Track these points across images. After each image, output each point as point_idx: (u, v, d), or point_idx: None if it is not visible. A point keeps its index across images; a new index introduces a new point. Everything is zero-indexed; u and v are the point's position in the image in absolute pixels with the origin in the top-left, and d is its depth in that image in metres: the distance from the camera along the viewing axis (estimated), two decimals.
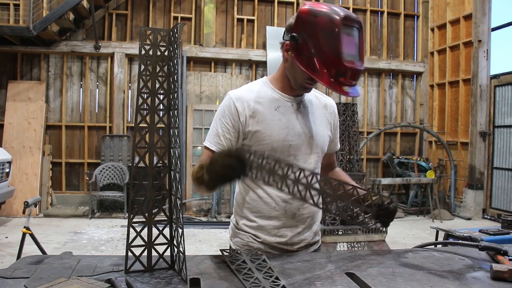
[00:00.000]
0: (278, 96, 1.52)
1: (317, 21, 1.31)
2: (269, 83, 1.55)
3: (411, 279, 1.17)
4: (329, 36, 1.29)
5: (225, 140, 1.48)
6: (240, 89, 1.54)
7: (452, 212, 7.48)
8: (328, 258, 1.38)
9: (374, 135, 7.88)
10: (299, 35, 1.35)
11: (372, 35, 8.61)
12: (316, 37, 1.31)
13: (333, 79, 1.31)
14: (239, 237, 1.58)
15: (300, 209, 1.52)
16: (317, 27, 1.31)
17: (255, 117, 1.47)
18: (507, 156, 7.07)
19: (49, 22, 6.56)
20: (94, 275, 1.13)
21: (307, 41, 1.33)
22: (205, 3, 7.74)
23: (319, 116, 1.58)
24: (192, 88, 7.56)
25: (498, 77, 7.29)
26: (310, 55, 1.32)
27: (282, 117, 1.49)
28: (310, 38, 1.32)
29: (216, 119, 1.52)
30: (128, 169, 7.02)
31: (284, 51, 1.45)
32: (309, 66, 1.33)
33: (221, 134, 1.49)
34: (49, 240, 5.15)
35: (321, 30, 1.30)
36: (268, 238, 1.53)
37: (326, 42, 1.30)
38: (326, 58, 1.30)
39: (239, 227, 1.58)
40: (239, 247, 1.56)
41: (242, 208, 1.57)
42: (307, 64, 1.34)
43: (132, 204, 1.19)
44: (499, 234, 2.33)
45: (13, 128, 6.98)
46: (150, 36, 1.16)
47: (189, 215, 7.13)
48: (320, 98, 1.64)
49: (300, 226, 1.54)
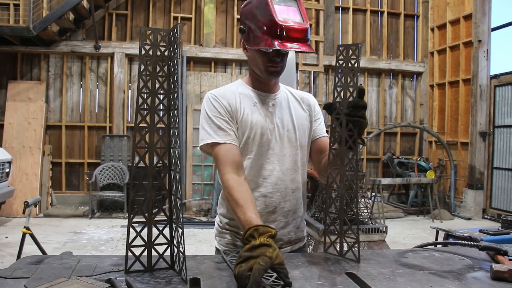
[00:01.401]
0: (253, 94, 1.56)
1: (252, 5, 1.45)
2: (244, 83, 1.60)
3: (411, 279, 1.16)
4: (262, 9, 1.39)
5: (230, 131, 1.47)
6: (218, 89, 1.57)
7: (452, 212, 7.48)
8: (328, 258, 1.38)
9: (374, 135, 7.88)
10: (244, 25, 1.48)
11: (372, 35, 8.61)
12: (254, 17, 1.42)
13: (277, 41, 1.36)
14: (223, 236, 1.59)
15: (281, 203, 1.53)
16: (252, 9, 1.44)
17: (237, 113, 1.51)
18: (507, 156, 7.07)
19: (49, 22, 6.56)
20: (94, 275, 1.13)
21: (250, 24, 1.45)
22: (205, 3, 7.75)
23: (295, 109, 1.60)
24: (192, 88, 7.57)
25: (498, 77, 7.29)
26: (254, 34, 1.42)
27: (261, 112, 1.53)
28: (250, 21, 1.44)
29: (207, 118, 1.49)
30: (128, 169, 7.02)
31: (243, 50, 1.55)
32: (255, 43, 1.42)
33: (224, 127, 1.47)
34: (49, 240, 5.15)
35: (256, 9, 1.42)
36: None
37: (261, 15, 1.39)
38: (265, 27, 1.38)
39: (222, 226, 1.60)
40: (224, 246, 1.58)
41: (224, 207, 1.59)
42: (254, 42, 1.43)
43: (132, 204, 1.19)
44: (499, 234, 2.34)
45: (13, 128, 6.98)
46: (150, 36, 1.15)
47: (189, 215, 7.14)
48: (297, 94, 1.67)
49: (282, 220, 1.55)
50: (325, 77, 8.33)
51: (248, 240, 1.12)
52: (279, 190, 1.53)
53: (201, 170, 7.39)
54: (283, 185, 1.54)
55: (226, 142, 1.45)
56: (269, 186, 1.52)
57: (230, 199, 1.34)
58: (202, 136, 1.50)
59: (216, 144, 1.45)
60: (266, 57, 1.46)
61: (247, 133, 1.50)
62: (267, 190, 1.52)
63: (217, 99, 1.51)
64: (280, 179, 1.53)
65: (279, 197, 1.53)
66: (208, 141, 1.46)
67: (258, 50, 1.45)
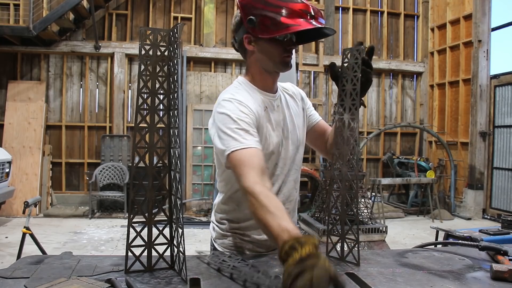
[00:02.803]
0: (263, 97, 1.47)
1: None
2: (251, 84, 1.49)
3: (411, 279, 1.17)
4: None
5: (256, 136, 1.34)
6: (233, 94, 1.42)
7: (452, 212, 7.48)
8: (328, 258, 1.38)
9: (374, 135, 7.88)
10: (254, 15, 1.36)
11: (372, 35, 8.61)
12: (268, 4, 1.34)
13: (308, 22, 1.33)
14: (227, 239, 1.55)
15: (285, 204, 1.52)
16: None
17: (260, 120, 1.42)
18: (507, 156, 7.07)
19: (49, 22, 6.56)
20: (94, 275, 1.13)
21: (264, 13, 1.34)
22: (205, 3, 7.74)
23: (292, 108, 1.57)
24: (192, 88, 7.56)
25: (498, 77, 7.29)
26: (274, 21, 1.33)
27: (270, 118, 1.46)
28: (263, 9, 1.34)
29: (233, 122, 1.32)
30: (128, 169, 7.02)
31: (246, 46, 1.44)
32: (278, 29, 1.33)
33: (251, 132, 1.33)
34: (49, 240, 5.15)
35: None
36: (256, 236, 1.52)
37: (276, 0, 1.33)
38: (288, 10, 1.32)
39: (224, 228, 1.56)
40: (227, 248, 1.54)
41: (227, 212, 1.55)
42: (276, 29, 1.34)
43: (132, 204, 1.19)
44: (499, 234, 2.33)
45: (13, 128, 6.98)
46: (150, 36, 1.15)
47: (189, 215, 7.14)
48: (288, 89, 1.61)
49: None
50: (325, 77, 8.33)
51: (288, 253, 0.94)
52: (283, 192, 1.52)
53: (201, 170, 7.39)
54: (287, 188, 1.53)
55: (252, 146, 1.28)
56: (275, 189, 1.50)
57: (258, 205, 1.15)
58: (228, 144, 1.29)
59: (242, 149, 1.28)
60: (282, 47, 1.39)
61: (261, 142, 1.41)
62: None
63: (242, 103, 1.37)
64: (285, 182, 1.52)
65: (284, 198, 1.51)
66: (237, 147, 1.27)
67: (273, 40, 1.38)
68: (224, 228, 1.56)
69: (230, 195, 1.52)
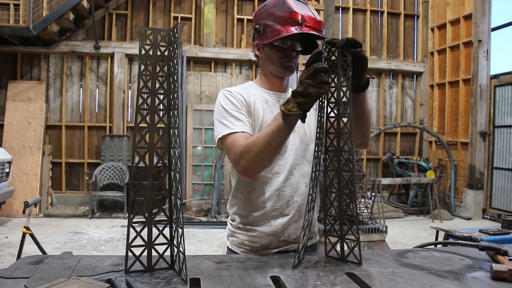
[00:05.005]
0: (265, 94, 1.61)
1: (267, 5, 1.53)
2: (255, 84, 1.65)
3: (411, 279, 1.17)
4: (280, 5, 1.48)
5: (247, 122, 1.48)
6: (230, 87, 1.60)
7: (452, 212, 7.48)
8: (328, 258, 1.38)
9: (374, 135, 7.88)
10: (259, 25, 1.54)
11: (372, 35, 8.61)
12: (271, 14, 1.50)
13: (296, 28, 1.44)
14: (236, 236, 1.60)
15: (294, 197, 1.55)
16: (268, 8, 1.52)
17: (251, 107, 1.54)
18: (507, 156, 7.07)
19: (49, 22, 6.56)
20: (94, 275, 1.13)
21: (266, 22, 1.51)
22: (205, 3, 7.75)
23: None
24: (192, 88, 7.57)
25: (498, 77, 7.29)
26: (272, 28, 1.48)
27: (272, 110, 1.56)
28: (267, 19, 1.51)
29: (224, 111, 1.49)
30: (128, 169, 7.02)
31: (256, 52, 1.61)
32: (274, 35, 1.48)
33: (241, 118, 1.48)
34: (49, 240, 5.15)
35: (272, 7, 1.50)
36: (264, 229, 1.54)
37: (279, 10, 1.47)
38: (285, 18, 1.45)
39: (235, 225, 1.60)
40: (236, 246, 1.59)
41: (236, 205, 1.60)
42: (273, 35, 1.48)
43: (132, 204, 1.19)
44: (499, 234, 2.34)
45: (13, 128, 6.98)
46: (150, 36, 1.16)
47: (189, 215, 7.14)
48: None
49: (296, 214, 1.56)
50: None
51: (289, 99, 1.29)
52: (290, 184, 1.55)
53: (201, 170, 7.39)
54: (295, 180, 1.56)
55: (243, 131, 1.44)
56: (281, 180, 1.53)
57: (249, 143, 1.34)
58: (219, 130, 1.47)
59: (232, 134, 1.43)
60: (282, 53, 1.52)
61: (257, 130, 1.52)
62: (279, 184, 1.53)
63: (233, 94, 1.54)
64: (292, 173, 1.55)
65: (291, 191, 1.55)
66: (225, 132, 1.44)
67: (274, 46, 1.51)
68: (234, 225, 1.61)
69: (238, 187, 1.59)
